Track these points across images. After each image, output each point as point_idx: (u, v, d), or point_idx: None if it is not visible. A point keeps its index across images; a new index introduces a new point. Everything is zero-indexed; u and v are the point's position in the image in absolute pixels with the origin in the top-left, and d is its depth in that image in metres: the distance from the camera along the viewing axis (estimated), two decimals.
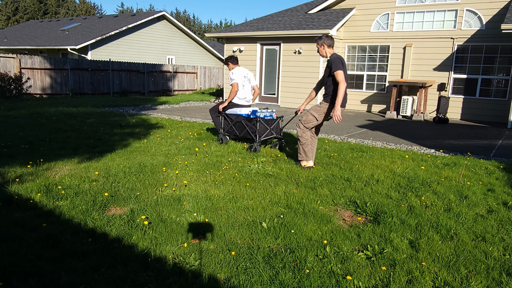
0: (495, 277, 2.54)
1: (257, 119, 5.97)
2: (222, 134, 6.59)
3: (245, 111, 6.33)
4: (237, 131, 6.35)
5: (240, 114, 6.31)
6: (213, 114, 6.77)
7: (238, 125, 6.30)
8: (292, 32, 12.81)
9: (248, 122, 6.12)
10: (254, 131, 6.05)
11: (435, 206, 3.84)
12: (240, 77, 6.50)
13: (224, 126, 6.54)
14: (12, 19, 47.86)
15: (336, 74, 4.71)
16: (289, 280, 2.42)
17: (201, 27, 62.68)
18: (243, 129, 6.23)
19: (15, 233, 2.89)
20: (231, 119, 6.36)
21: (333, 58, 4.83)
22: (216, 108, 6.72)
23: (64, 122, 8.40)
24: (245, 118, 6.17)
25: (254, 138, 6.04)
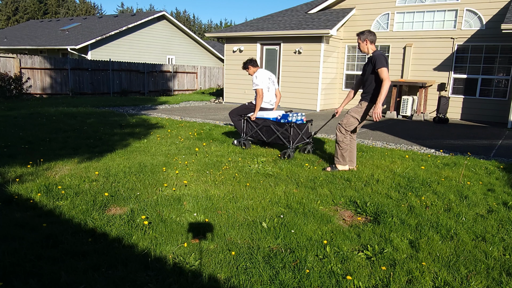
0: (495, 277, 2.54)
1: (290, 124, 5.60)
2: (244, 139, 6.22)
3: (272, 114, 5.98)
4: (264, 136, 5.96)
5: (267, 118, 5.94)
6: (234, 118, 6.47)
7: (265, 129, 5.93)
8: (292, 32, 12.81)
9: (279, 127, 5.75)
10: (287, 136, 5.69)
11: (435, 206, 3.84)
12: (265, 80, 6.17)
13: (247, 131, 6.16)
14: (12, 19, 47.86)
15: (380, 72, 4.53)
16: (289, 280, 2.42)
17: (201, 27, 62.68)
18: (271, 134, 5.86)
19: (15, 233, 2.89)
20: (257, 123, 6.00)
21: (377, 55, 4.62)
22: (236, 111, 6.44)
23: (64, 122, 8.40)
24: (275, 123, 5.80)
25: (287, 144, 5.68)
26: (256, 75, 6.17)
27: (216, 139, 7.00)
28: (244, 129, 6.21)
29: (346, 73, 13.92)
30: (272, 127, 5.81)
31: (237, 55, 14.53)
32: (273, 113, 5.99)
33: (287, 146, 5.71)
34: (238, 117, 6.40)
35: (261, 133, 5.99)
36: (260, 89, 6.04)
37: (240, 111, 6.42)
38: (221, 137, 7.19)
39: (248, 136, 6.18)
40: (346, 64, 13.87)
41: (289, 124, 5.63)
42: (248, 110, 6.34)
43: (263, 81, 6.11)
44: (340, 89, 14.16)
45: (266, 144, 6.48)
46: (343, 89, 14.08)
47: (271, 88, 6.28)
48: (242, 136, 6.25)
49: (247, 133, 6.18)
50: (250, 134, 6.14)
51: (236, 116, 6.43)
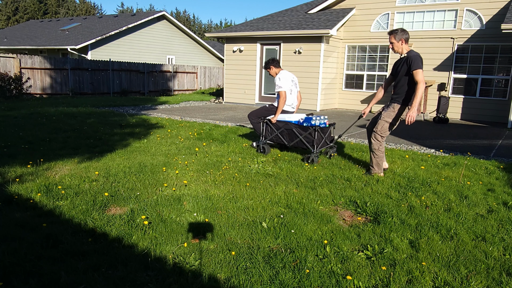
0: (495, 277, 2.54)
1: (315, 128, 5.35)
2: (263, 142, 5.92)
3: (294, 117, 5.77)
4: (285, 139, 5.71)
5: (289, 121, 5.71)
6: (254, 120, 6.22)
7: (287, 133, 5.67)
8: (292, 32, 12.81)
9: (302, 131, 5.50)
10: (311, 141, 5.43)
11: (435, 206, 3.84)
12: (288, 82, 5.94)
13: (267, 134, 5.87)
14: (12, 19, 47.86)
15: (415, 73, 4.37)
16: (289, 280, 2.42)
17: (201, 27, 62.68)
18: (293, 137, 5.62)
19: (15, 233, 2.89)
20: (278, 126, 5.74)
21: (414, 56, 4.43)
22: (256, 113, 6.22)
23: (64, 122, 8.40)
24: (298, 126, 5.55)
25: (311, 149, 5.43)
26: (280, 76, 5.93)
27: (216, 139, 7.00)
28: (263, 132, 5.91)
29: (346, 73, 13.92)
30: (295, 131, 5.56)
31: (237, 55, 14.53)
32: (295, 116, 5.80)
33: (310, 150, 5.46)
34: (257, 119, 6.15)
35: (282, 137, 5.74)
36: (283, 91, 5.83)
37: (260, 113, 6.19)
38: (221, 137, 7.19)
39: (267, 140, 5.91)
40: (346, 64, 13.87)
41: (314, 127, 5.37)
42: (269, 112, 6.11)
43: (286, 83, 5.89)
44: (340, 89, 14.16)
45: (286, 148, 6.27)
46: (343, 89, 14.08)
47: (293, 91, 6.08)
48: (261, 140, 5.96)
49: (267, 137, 5.90)
50: (270, 138, 5.87)
51: (255, 118, 6.20)
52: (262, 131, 5.91)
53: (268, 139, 5.89)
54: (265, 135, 5.90)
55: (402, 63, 4.58)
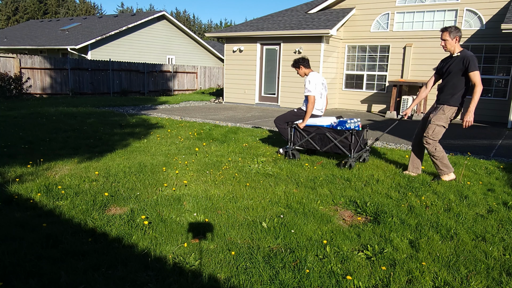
0: (495, 277, 2.54)
1: (352, 132, 5.14)
2: (292, 148, 5.66)
3: (324, 121, 5.54)
4: (317, 145, 5.46)
5: (322, 125, 5.49)
6: (281, 125, 5.96)
7: (319, 138, 5.44)
8: (292, 32, 12.80)
9: (337, 135, 5.27)
10: (347, 145, 5.22)
11: (435, 206, 3.84)
12: (318, 86, 5.66)
13: (295, 139, 5.63)
14: (12, 19, 47.86)
15: (473, 75, 4.22)
16: (289, 280, 2.42)
17: (201, 27, 62.67)
18: (327, 142, 5.38)
19: (15, 233, 2.89)
20: (308, 131, 5.51)
21: (471, 56, 4.26)
22: (283, 118, 5.96)
23: (64, 122, 8.40)
24: (332, 130, 5.32)
25: (348, 153, 5.23)
26: (310, 79, 5.63)
27: (216, 139, 7.00)
28: (291, 138, 5.66)
29: (346, 73, 13.92)
30: (329, 135, 5.33)
31: (237, 55, 14.53)
32: (325, 120, 5.57)
33: (347, 155, 5.27)
34: (285, 124, 5.90)
35: (313, 142, 5.50)
36: (313, 96, 5.56)
37: (287, 118, 5.92)
38: (221, 137, 7.19)
39: (297, 146, 5.65)
40: (346, 64, 13.87)
41: (351, 131, 5.16)
42: (297, 117, 5.86)
43: (316, 87, 5.62)
44: (340, 89, 14.16)
45: (315, 153, 6.02)
46: (343, 89, 14.08)
47: (323, 94, 5.81)
48: (289, 146, 5.70)
49: (295, 142, 5.64)
50: (300, 143, 5.61)
51: (283, 124, 5.93)
52: (290, 136, 5.67)
53: (298, 144, 5.63)
54: (294, 141, 5.66)
55: (455, 63, 4.38)
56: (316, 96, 5.63)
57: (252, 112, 12.06)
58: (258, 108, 13.45)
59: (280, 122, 5.98)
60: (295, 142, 5.66)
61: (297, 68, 5.86)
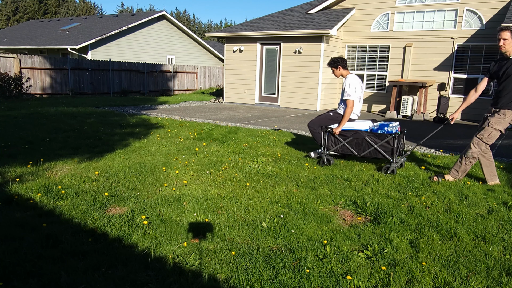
0: (495, 277, 2.54)
1: (395, 136, 4.94)
2: (326, 154, 5.39)
3: (362, 125, 5.33)
4: (354, 149, 5.23)
5: (359, 129, 5.26)
6: (315, 130, 5.68)
7: (356, 142, 5.21)
8: (292, 32, 12.80)
9: (377, 139, 5.06)
10: (389, 149, 5.01)
11: (435, 206, 3.84)
12: (358, 89, 5.41)
13: (330, 144, 5.38)
14: (12, 19, 47.86)
15: None
16: (289, 280, 2.42)
17: (201, 27, 62.67)
18: (366, 147, 5.15)
19: (15, 233, 2.89)
20: (345, 136, 5.27)
21: None
22: (318, 122, 5.67)
23: (64, 122, 8.40)
24: (373, 134, 5.10)
25: (389, 158, 5.01)
26: (350, 82, 5.36)
27: (216, 139, 7.00)
28: (325, 142, 5.39)
29: None
30: (368, 140, 5.10)
31: (237, 55, 14.52)
32: (362, 124, 5.35)
33: (389, 160, 5.05)
34: (319, 128, 5.61)
35: (350, 147, 5.26)
36: (352, 100, 5.31)
37: (322, 122, 5.63)
38: (221, 137, 7.19)
39: (331, 151, 5.40)
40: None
41: (393, 135, 4.95)
42: (332, 121, 5.56)
43: (356, 91, 5.37)
44: (340, 89, 14.15)
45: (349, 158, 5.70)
46: None
47: (361, 98, 5.55)
48: (322, 151, 5.42)
49: (329, 147, 5.39)
50: (335, 148, 5.36)
51: (317, 128, 5.64)
52: (324, 141, 5.40)
53: (332, 149, 5.39)
54: (328, 146, 5.41)
55: None
56: (355, 100, 5.39)
57: (252, 112, 12.06)
58: (258, 108, 13.45)
59: (314, 126, 5.71)
60: (329, 147, 5.41)
61: (334, 68, 5.54)
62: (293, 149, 6.37)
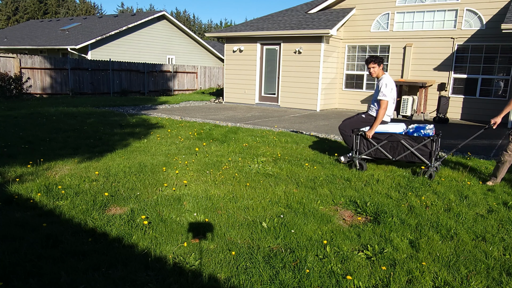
0: (495, 277, 2.54)
1: (432, 138, 4.74)
2: (358, 158, 5.20)
3: (396, 128, 5.13)
4: (388, 153, 5.02)
5: (394, 132, 5.06)
6: (346, 132, 5.45)
7: (390, 146, 5.00)
8: (292, 32, 12.80)
9: (414, 142, 4.87)
10: (426, 153, 4.81)
11: (435, 206, 3.84)
12: (393, 90, 5.21)
13: (362, 148, 5.18)
14: (12, 19, 47.86)
15: None
16: (289, 280, 2.42)
17: (201, 27, 62.67)
18: (401, 150, 4.95)
19: (15, 233, 2.89)
20: (378, 139, 5.07)
21: None
22: (349, 124, 5.46)
23: (64, 122, 8.40)
24: (408, 137, 4.90)
25: (427, 162, 4.81)
26: (386, 82, 5.16)
27: (216, 139, 7.00)
28: (357, 146, 5.20)
29: (346, 73, 13.92)
30: (404, 143, 4.90)
31: (237, 55, 14.52)
32: (396, 127, 5.14)
33: (426, 164, 4.84)
34: (351, 131, 5.42)
35: (384, 150, 5.05)
36: (387, 101, 5.11)
37: (354, 125, 5.40)
38: (221, 137, 7.19)
39: (364, 155, 5.19)
40: (346, 64, 13.86)
41: (431, 138, 4.76)
42: (365, 123, 5.34)
43: (391, 92, 5.18)
44: (340, 89, 14.15)
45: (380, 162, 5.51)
46: (343, 89, 14.08)
47: (395, 99, 5.35)
48: (354, 155, 5.25)
49: (362, 151, 5.19)
50: (367, 152, 5.16)
51: (348, 131, 5.44)
52: (356, 145, 5.21)
53: (365, 153, 5.18)
54: (360, 150, 5.21)
55: None
56: (389, 101, 5.18)
57: (252, 112, 12.06)
58: (258, 108, 13.45)
59: (346, 128, 5.47)
60: (361, 151, 5.20)
61: (377, 65, 5.24)
62: (293, 149, 6.37)
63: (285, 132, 8.22)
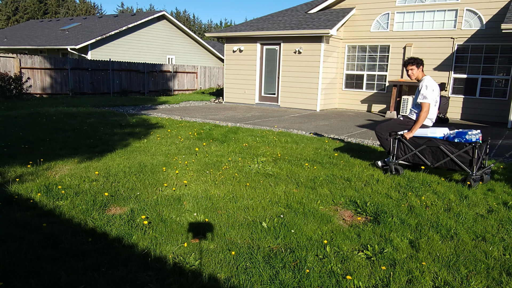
0: (495, 277, 2.54)
1: (475, 145, 4.42)
2: (395, 163, 4.98)
3: (437, 132, 4.88)
4: (427, 159, 4.77)
5: (433, 137, 4.81)
6: (383, 135, 5.23)
7: (430, 151, 4.73)
8: (292, 32, 12.80)
9: (454, 148, 4.57)
10: (467, 160, 4.49)
11: (435, 206, 3.84)
12: (436, 92, 4.95)
13: (399, 153, 4.96)
14: (12, 19, 47.86)
15: None
16: (289, 280, 2.42)
17: (201, 27, 62.66)
18: (440, 157, 4.67)
19: (15, 233, 2.89)
20: (417, 144, 4.83)
21: None
22: (386, 126, 5.24)
23: (64, 122, 8.40)
24: (448, 143, 4.61)
25: (468, 170, 4.49)
26: (427, 83, 4.91)
27: (216, 139, 7.01)
28: (394, 150, 4.98)
29: (346, 73, 13.92)
30: (443, 148, 4.61)
31: (237, 55, 14.52)
32: (437, 131, 4.91)
33: (468, 172, 4.53)
34: (387, 134, 5.20)
35: (422, 156, 4.80)
36: (428, 103, 4.86)
37: (392, 127, 5.19)
38: (221, 137, 7.19)
39: (401, 160, 4.97)
40: (346, 64, 13.86)
41: (473, 144, 4.44)
42: (403, 126, 5.10)
43: (433, 94, 4.92)
44: (340, 89, 14.15)
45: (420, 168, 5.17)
46: (343, 89, 14.08)
47: (438, 102, 5.08)
48: (391, 159, 5.02)
49: (399, 156, 4.97)
50: (405, 157, 4.93)
51: (386, 134, 5.21)
52: (393, 149, 4.99)
53: (402, 158, 4.96)
54: (397, 154, 4.98)
55: None
56: (431, 103, 4.93)
57: (252, 112, 12.06)
58: (258, 108, 13.45)
59: (382, 131, 5.26)
60: (398, 156, 4.98)
61: (415, 67, 5.01)
62: (293, 149, 6.37)
63: (285, 132, 8.22)
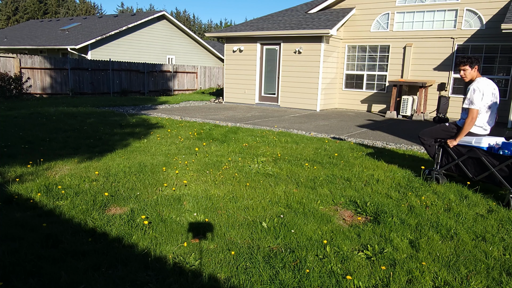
0: (495, 277, 2.54)
1: None
2: (437, 172, 4.61)
3: (483, 142, 4.34)
4: (469, 171, 4.32)
5: (476, 146, 4.30)
6: (425, 141, 4.87)
7: (471, 162, 4.28)
8: (292, 32, 12.80)
9: (495, 160, 4.05)
10: (509, 175, 3.95)
11: (435, 206, 3.84)
12: (487, 96, 4.44)
13: (443, 161, 4.59)
14: (12, 19, 47.85)
15: None
16: (289, 280, 2.42)
17: (201, 27, 62.66)
18: (482, 169, 4.19)
19: (15, 233, 2.89)
20: (459, 152, 4.41)
21: None
22: (430, 132, 4.88)
23: (64, 122, 8.40)
24: (489, 154, 4.13)
25: (508, 187, 3.94)
26: (476, 87, 4.38)
27: (216, 139, 7.00)
28: (438, 158, 4.62)
29: (346, 73, 13.92)
30: (484, 160, 4.13)
31: (237, 55, 14.52)
32: (484, 140, 4.36)
33: (508, 189, 3.96)
34: (431, 140, 4.84)
35: (463, 166, 4.36)
36: (475, 110, 4.34)
37: (435, 133, 4.82)
38: (221, 137, 7.19)
39: (443, 169, 4.58)
40: (346, 64, 13.86)
41: None
42: (447, 132, 4.71)
43: (483, 98, 4.40)
44: (340, 89, 14.15)
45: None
46: (343, 89, 14.08)
47: (493, 108, 4.57)
48: (435, 168, 4.66)
49: (442, 165, 4.59)
50: (447, 166, 4.53)
51: (429, 139, 4.85)
52: (437, 157, 4.62)
53: (445, 167, 4.56)
54: (441, 163, 4.60)
55: None
56: (481, 109, 4.45)
57: (252, 112, 12.06)
58: (258, 108, 13.45)
59: (425, 136, 4.90)
60: (442, 164, 4.60)
61: (469, 67, 4.50)
62: (293, 149, 6.37)
63: (285, 132, 8.22)
